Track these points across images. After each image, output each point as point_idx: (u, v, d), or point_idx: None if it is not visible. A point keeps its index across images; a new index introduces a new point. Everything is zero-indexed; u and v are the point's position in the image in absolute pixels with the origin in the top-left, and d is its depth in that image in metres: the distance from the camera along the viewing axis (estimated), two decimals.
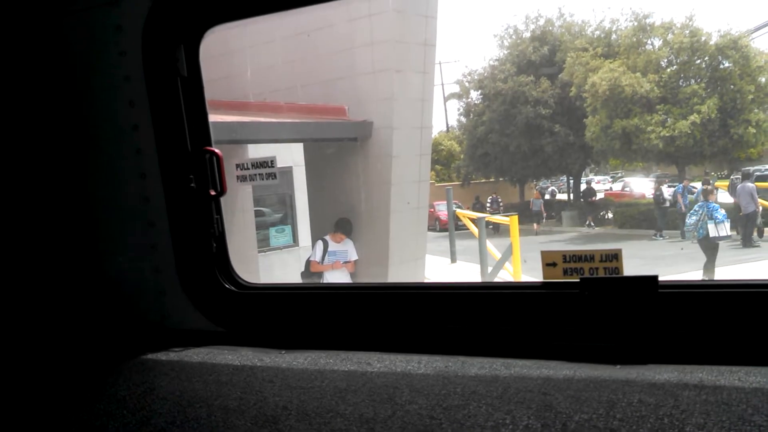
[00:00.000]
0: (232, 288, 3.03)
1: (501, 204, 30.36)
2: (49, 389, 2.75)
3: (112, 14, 2.95)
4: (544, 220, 28.64)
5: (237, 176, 3.38)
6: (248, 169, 3.40)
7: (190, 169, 2.96)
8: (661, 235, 22.06)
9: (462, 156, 33.08)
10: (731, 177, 22.69)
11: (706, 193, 16.26)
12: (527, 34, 28.98)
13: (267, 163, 3.39)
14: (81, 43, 3.09)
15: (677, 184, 23.37)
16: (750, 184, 19.12)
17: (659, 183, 24.11)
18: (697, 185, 21.50)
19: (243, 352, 2.80)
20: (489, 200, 30.76)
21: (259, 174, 3.40)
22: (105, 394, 2.58)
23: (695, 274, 15.33)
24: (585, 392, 2.05)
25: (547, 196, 31.67)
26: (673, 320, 2.27)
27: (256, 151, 12.74)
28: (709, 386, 1.99)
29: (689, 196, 21.26)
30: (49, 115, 3.21)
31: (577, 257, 2.52)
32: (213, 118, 3.04)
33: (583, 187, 29.85)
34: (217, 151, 2.97)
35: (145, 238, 3.12)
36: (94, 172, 3.22)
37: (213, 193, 2.98)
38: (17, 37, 3.12)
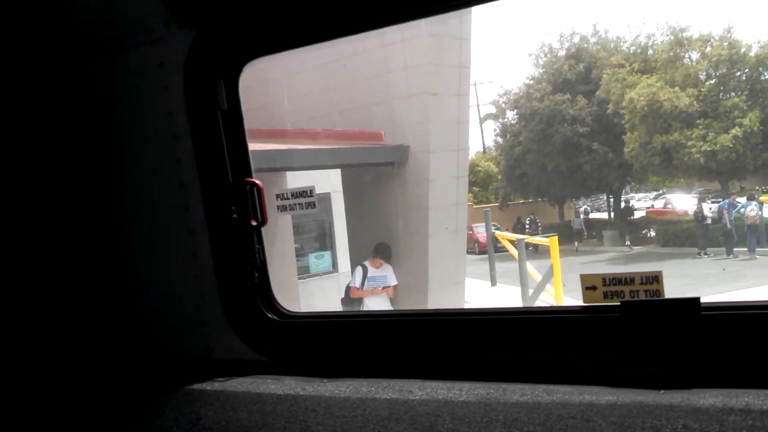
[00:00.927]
0: (275, 317, 3.06)
1: (540, 225, 30.08)
2: (97, 422, 2.80)
3: (154, 52, 3.05)
4: (585, 238, 28.31)
5: (277, 206, 3.43)
6: (288, 198, 3.45)
7: (231, 201, 3.03)
8: (705, 253, 21.59)
9: (499, 177, 32.90)
10: None
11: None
12: (562, 52, 28.84)
13: (306, 193, 3.44)
14: (125, 81, 3.19)
15: (720, 199, 22.90)
16: None
17: (700, 200, 23.66)
18: (742, 200, 21.08)
19: (286, 381, 2.83)
20: (527, 221, 30.51)
21: (299, 203, 3.45)
22: (152, 426, 2.63)
23: (739, 294, 14.96)
24: (629, 418, 2.03)
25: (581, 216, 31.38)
26: (717, 343, 2.24)
27: (294, 178, 12.88)
28: (756, 411, 1.95)
29: (734, 212, 20.84)
30: (95, 151, 3.32)
31: (617, 280, 2.50)
32: (252, 146, 3.10)
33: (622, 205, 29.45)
34: (257, 182, 3.03)
35: (188, 269, 3.18)
36: (139, 206, 3.30)
37: (254, 223, 3.04)
38: (65, 75, 3.25)
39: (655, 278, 2.46)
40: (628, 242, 26.57)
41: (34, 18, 3.11)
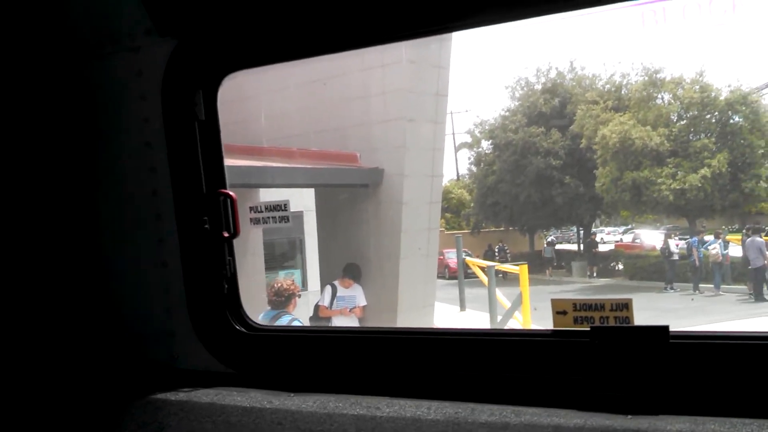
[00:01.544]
0: (243, 330, 3.03)
1: (508, 252, 30.32)
2: (60, 427, 2.74)
3: (134, 59, 3.04)
4: (554, 266, 28.68)
5: (250, 218, 3.42)
6: (262, 211, 3.44)
7: (204, 211, 3.00)
8: (671, 287, 21.91)
9: (472, 204, 33.13)
10: (743, 231, 22.68)
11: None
12: (538, 86, 29.26)
13: (280, 207, 3.43)
14: (104, 86, 3.17)
15: (687, 236, 23.30)
16: (759, 239, 19.09)
17: (667, 236, 24.06)
18: (710, 238, 21.47)
19: (252, 394, 2.80)
20: (496, 249, 30.75)
21: (273, 217, 3.44)
22: None
23: (705, 327, 15.17)
24: None
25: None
26: (685, 370, 2.26)
27: (268, 195, 12.83)
28: None
29: (703, 249, 21.20)
30: (69, 154, 3.28)
31: (588, 306, 2.52)
32: (227, 161, 3.09)
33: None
34: (231, 193, 3.01)
35: (157, 278, 3.14)
36: (110, 212, 3.26)
37: (226, 234, 3.01)
38: (45, 78, 3.22)
39: (625, 305, 2.49)
40: (594, 272, 26.93)
41: (15, 22, 3.08)
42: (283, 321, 8.32)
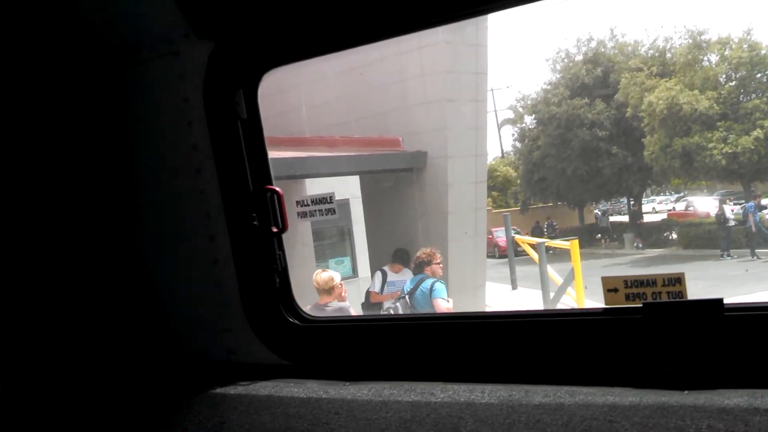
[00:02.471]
0: (296, 322, 3.08)
1: (557, 228, 29.99)
2: (122, 427, 2.84)
3: (174, 63, 3.09)
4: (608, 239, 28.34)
5: (297, 213, 3.46)
6: (308, 205, 3.48)
7: (252, 208, 3.05)
8: (728, 255, 21.38)
9: (518, 182, 32.84)
10: None
11: None
12: (579, 57, 28.78)
13: (326, 199, 3.47)
14: (145, 92, 3.23)
15: (743, 201, 22.69)
16: None
17: (721, 202, 23.46)
18: (766, 201, 20.88)
19: (308, 385, 2.85)
20: (545, 225, 30.45)
21: (319, 210, 3.47)
22: (176, 429, 2.66)
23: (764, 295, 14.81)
24: (652, 419, 2.03)
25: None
26: (741, 343, 2.22)
27: (313, 185, 12.93)
28: None
29: (760, 214, 20.64)
30: (116, 162, 3.36)
31: (639, 282, 2.49)
32: (271, 154, 3.13)
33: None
34: (277, 189, 3.05)
35: (210, 275, 3.21)
36: (161, 215, 3.34)
37: (275, 230, 3.06)
38: (86, 87, 3.30)
39: (678, 280, 2.45)
40: (638, 243, 26.50)
41: (55, 31, 3.16)
42: (426, 284, 9.37)
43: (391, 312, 9.66)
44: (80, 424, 2.92)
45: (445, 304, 9.27)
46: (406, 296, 9.63)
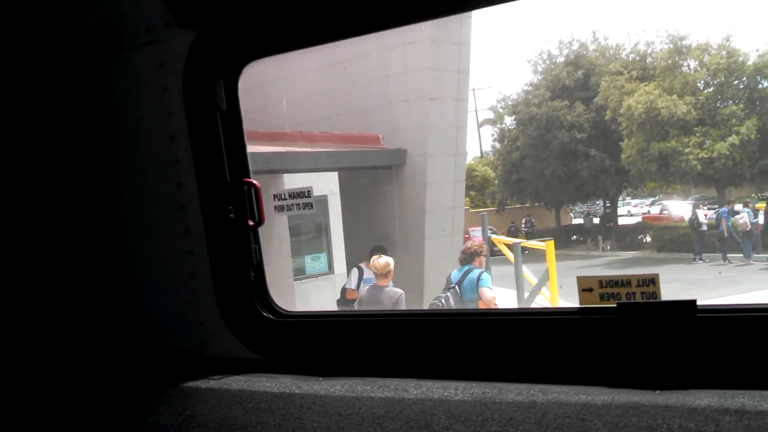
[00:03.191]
0: (270, 316, 3.07)
1: (535, 226, 30.17)
2: (92, 419, 2.80)
3: (155, 52, 3.06)
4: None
5: (274, 206, 3.43)
6: (285, 199, 3.45)
7: (229, 200, 3.03)
8: (700, 258, 21.66)
9: (497, 182, 32.97)
10: None
11: None
12: (561, 59, 28.95)
13: (304, 194, 3.44)
14: (125, 80, 3.20)
15: (716, 206, 22.98)
16: None
17: (695, 207, 23.76)
18: (738, 207, 21.17)
19: (281, 380, 2.83)
20: (523, 221, 30.62)
21: (296, 204, 3.45)
22: (147, 423, 2.63)
23: (736, 298, 15.02)
24: (624, 418, 2.04)
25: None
26: (713, 344, 2.24)
27: (292, 180, 12.88)
28: (752, 411, 1.96)
29: (732, 219, 20.93)
30: (94, 150, 3.32)
31: (614, 282, 2.51)
32: (250, 148, 3.11)
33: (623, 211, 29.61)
34: (255, 182, 3.03)
35: (184, 267, 3.18)
36: (136, 204, 3.30)
37: (251, 223, 3.04)
38: (65, 74, 3.25)
39: (652, 281, 2.47)
40: (607, 246, 26.80)
41: (34, 18, 3.11)
42: (474, 274, 9.63)
43: (441, 302, 9.79)
44: (50, 416, 2.88)
45: (490, 293, 9.66)
46: (456, 286, 9.77)
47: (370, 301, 9.88)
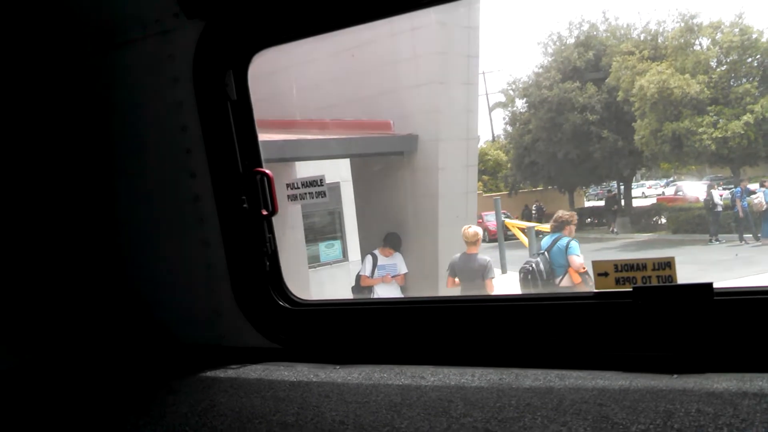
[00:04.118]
0: (286, 305, 3.08)
1: (545, 211, 30.04)
2: (113, 411, 2.83)
3: (164, 44, 3.06)
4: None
5: (287, 195, 3.44)
6: (298, 188, 3.45)
7: (242, 190, 3.04)
8: (717, 239, 21.49)
9: (509, 165, 32.84)
10: None
11: None
12: (571, 40, 28.69)
13: (316, 182, 3.44)
14: (135, 72, 3.21)
15: (731, 186, 22.78)
16: None
17: (710, 187, 23.55)
18: (753, 187, 20.96)
19: (299, 368, 2.85)
20: (533, 208, 30.51)
21: (309, 193, 3.45)
22: (167, 413, 2.66)
23: (754, 279, 14.91)
24: (642, 402, 2.03)
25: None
26: (730, 328, 2.23)
27: (304, 169, 12.89)
28: None
29: (747, 198, 20.72)
30: (106, 142, 3.33)
31: (629, 266, 2.50)
32: (261, 137, 3.11)
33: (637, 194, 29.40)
34: (267, 171, 3.04)
35: (200, 258, 3.20)
36: (150, 197, 3.32)
37: (265, 212, 3.05)
38: (76, 66, 3.26)
39: (668, 264, 2.46)
40: (614, 229, 26.69)
41: (43, 10, 3.12)
42: (563, 242, 10.26)
43: (532, 266, 10.40)
44: (72, 411, 2.91)
45: (579, 259, 10.23)
46: (545, 252, 10.37)
47: (463, 267, 10.87)
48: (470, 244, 10.79)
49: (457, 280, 11.03)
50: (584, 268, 10.08)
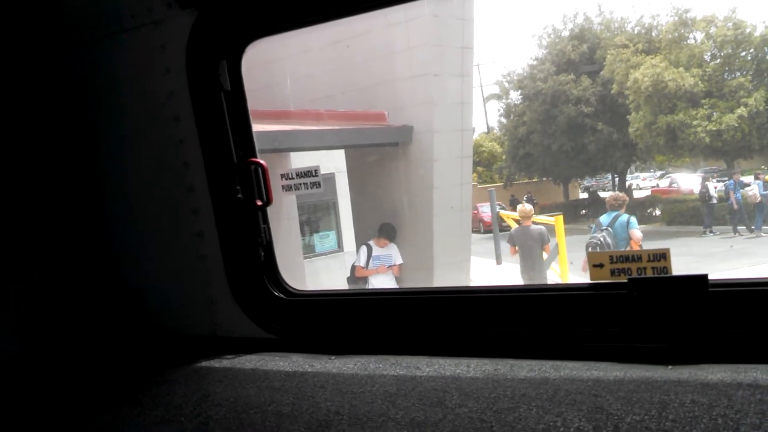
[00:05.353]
0: (281, 295, 3.08)
1: (536, 203, 30.07)
2: (108, 401, 2.83)
3: (156, 33, 3.04)
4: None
5: (282, 186, 3.44)
6: (293, 178, 3.45)
7: (236, 181, 3.02)
8: (711, 231, 21.56)
9: (504, 157, 32.86)
10: None
11: None
12: (566, 33, 28.69)
13: (311, 173, 3.44)
14: (127, 62, 3.18)
15: (726, 179, 22.84)
16: None
17: (705, 179, 23.59)
18: (748, 179, 21.02)
19: (294, 359, 2.85)
20: (525, 199, 30.54)
21: (304, 183, 3.45)
22: (162, 403, 2.65)
23: (748, 270, 14.98)
24: (636, 393, 2.04)
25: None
26: (725, 319, 2.24)
27: (299, 159, 12.86)
28: (764, 386, 1.95)
29: (741, 191, 20.77)
30: (98, 132, 3.31)
31: (625, 257, 2.50)
32: (255, 127, 3.10)
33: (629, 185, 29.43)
34: (262, 162, 3.03)
35: (194, 249, 3.19)
36: (143, 188, 3.30)
37: (259, 203, 3.04)
38: (68, 56, 3.24)
39: (663, 255, 2.46)
40: (591, 224, 26.82)
41: (34, 2, 3.10)
42: (623, 218, 11.63)
43: (600, 240, 11.41)
44: (66, 401, 2.90)
45: (638, 233, 11.72)
46: (608, 228, 11.57)
47: (521, 237, 12.84)
48: (525, 218, 12.82)
49: (516, 248, 12.88)
50: (641, 245, 11.42)
